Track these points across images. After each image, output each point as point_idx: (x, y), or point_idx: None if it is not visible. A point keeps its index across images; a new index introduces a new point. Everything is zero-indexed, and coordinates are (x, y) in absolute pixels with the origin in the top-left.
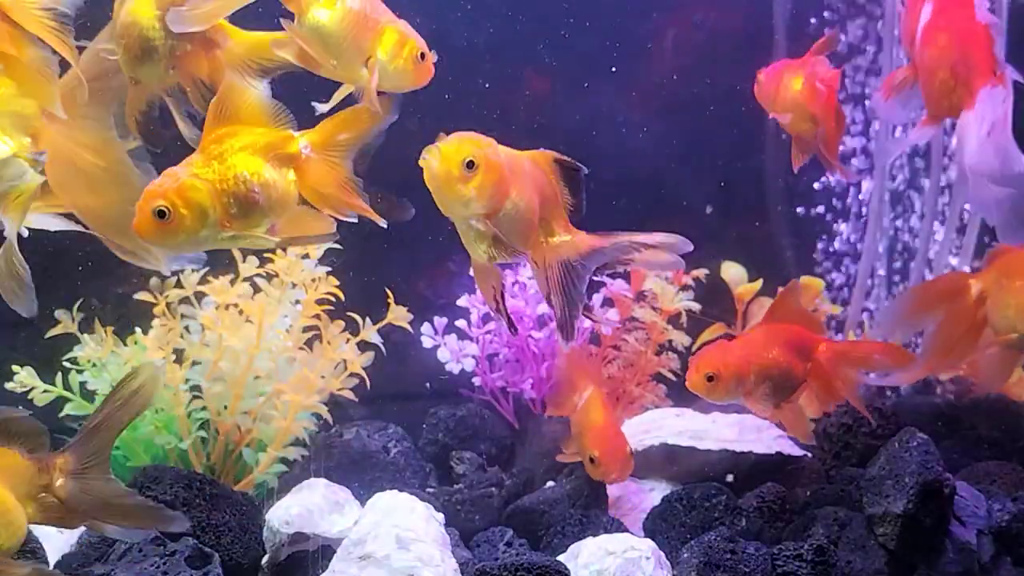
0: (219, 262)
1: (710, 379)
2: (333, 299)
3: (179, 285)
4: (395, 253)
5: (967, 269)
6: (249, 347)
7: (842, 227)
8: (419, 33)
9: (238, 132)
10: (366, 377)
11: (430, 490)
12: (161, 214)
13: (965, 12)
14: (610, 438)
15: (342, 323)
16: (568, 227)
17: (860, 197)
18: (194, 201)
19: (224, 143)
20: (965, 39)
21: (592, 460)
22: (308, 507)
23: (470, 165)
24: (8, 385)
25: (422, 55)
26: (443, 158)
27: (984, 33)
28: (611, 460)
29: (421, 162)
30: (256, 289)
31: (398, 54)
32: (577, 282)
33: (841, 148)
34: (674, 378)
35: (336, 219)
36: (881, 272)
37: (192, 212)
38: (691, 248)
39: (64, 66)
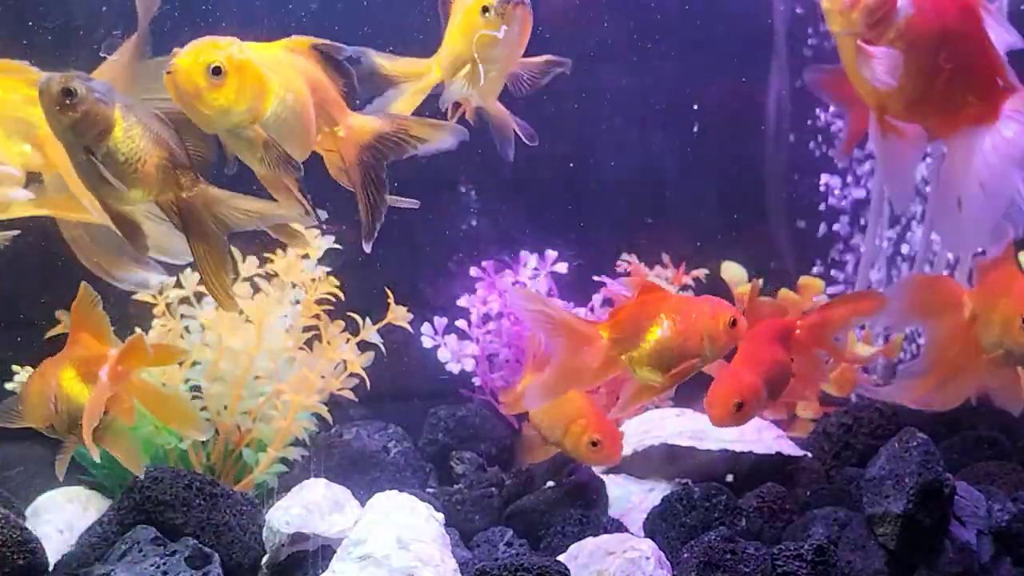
0: None
1: (739, 407)
2: (333, 299)
3: (179, 285)
4: (395, 253)
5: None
6: (249, 347)
7: (842, 226)
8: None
9: (78, 342)
10: (366, 377)
11: (430, 490)
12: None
13: None
14: (605, 420)
15: (342, 323)
16: (349, 112)
17: (861, 197)
18: (24, 403)
19: (67, 348)
20: None
21: (595, 444)
22: (308, 507)
23: (216, 71)
24: (8, 385)
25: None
26: (184, 71)
27: None
28: (613, 442)
29: (164, 80)
30: (256, 289)
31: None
32: (379, 169)
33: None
34: None
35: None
36: (882, 272)
37: (26, 408)
38: (464, 136)
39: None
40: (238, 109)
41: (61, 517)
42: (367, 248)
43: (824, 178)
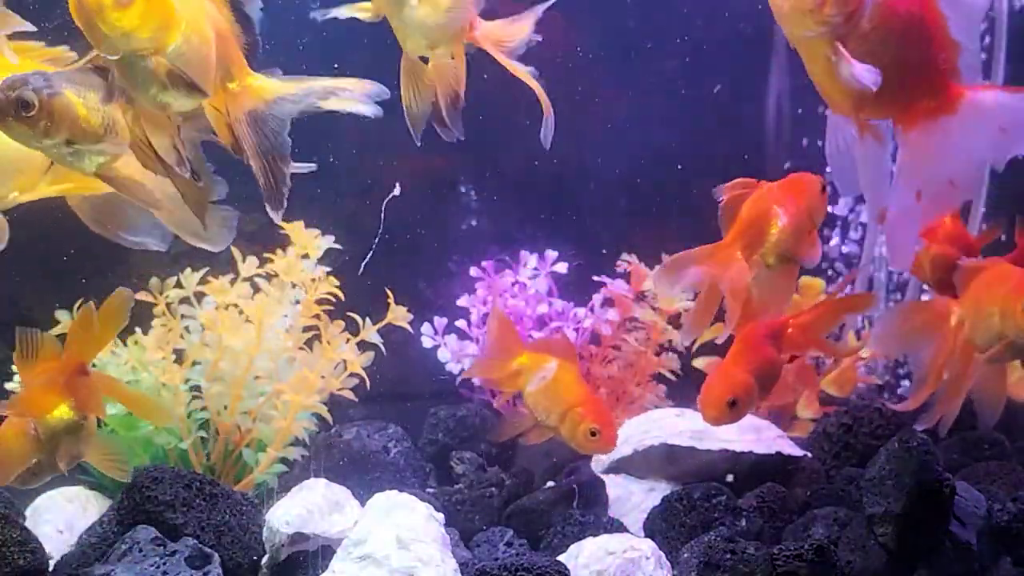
0: (219, 262)
1: (732, 404)
2: (333, 299)
3: (179, 285)
4: (395, 253)
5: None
6: (249, 347)
7: (844, 226)
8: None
9: (42, 371)
10: (366, 377)
11: (430, 490)
12: None
13: None
14: (605, 409)
15: (342, 323)
16: (248, 71)
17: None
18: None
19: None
20: None
21: (593, 434)
22: (308, 507)
23: None
24: (8, 385)
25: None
26: None
27: None
28: (612, 432)
29: None
30: (256, 289)
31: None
32: (273, 135)
33: None
34: (674, 378)
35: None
36: (882, 272)
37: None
38: (387, 95)
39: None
40: (141, 36)
41: (61, 517)
42: (276, 218)
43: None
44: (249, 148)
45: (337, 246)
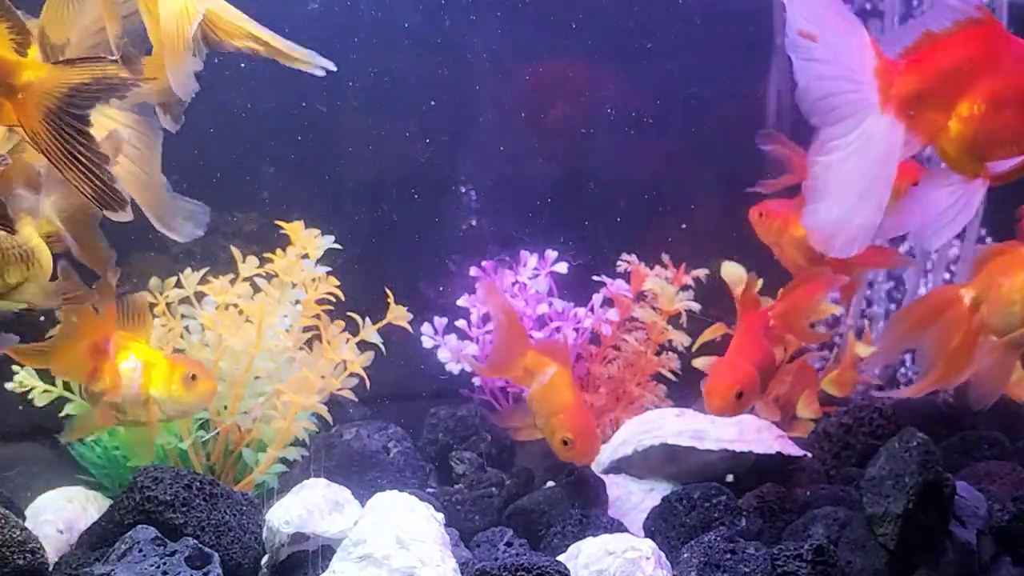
0: (219, 262)
1: (739, 396)
2: (333, 299)
3: (179, 285)
4: (395, 253)
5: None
6: (249, 347)
7: None
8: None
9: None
10: (366, 377)
11: (430, 490)
12: None
13: None
14: (584, 420)
15: (342, 323)
16: (31, 63)
17: None
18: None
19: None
20: None
21: (565, 443)
22: (308, 507)
23: None
24: (8, 385)
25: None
26: None
27: None
28: (586, 444)
29: None
30: (256, 289)
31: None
32: (82, 128)
33: None
34: (674, 378)
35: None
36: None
37: None
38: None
39: None
40: None
41: (61, 517)
42: (123, 217)
43: None
44: (61, 158)
45: (337, 246)
